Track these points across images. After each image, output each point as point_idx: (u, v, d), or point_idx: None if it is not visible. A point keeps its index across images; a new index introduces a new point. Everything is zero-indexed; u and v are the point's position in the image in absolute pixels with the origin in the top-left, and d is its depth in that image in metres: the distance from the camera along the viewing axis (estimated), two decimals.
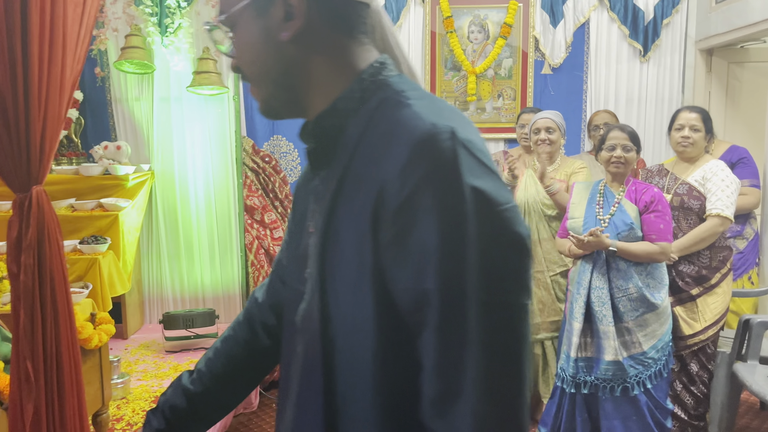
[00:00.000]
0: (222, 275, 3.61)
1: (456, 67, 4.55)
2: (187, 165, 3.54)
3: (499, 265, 0.66)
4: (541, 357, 3.30)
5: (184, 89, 3.44)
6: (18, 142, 1.41)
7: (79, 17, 1.58)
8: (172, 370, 2.89)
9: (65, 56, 1.49)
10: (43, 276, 1.40)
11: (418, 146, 0.65)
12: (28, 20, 1.37)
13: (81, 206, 3.17)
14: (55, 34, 1.45)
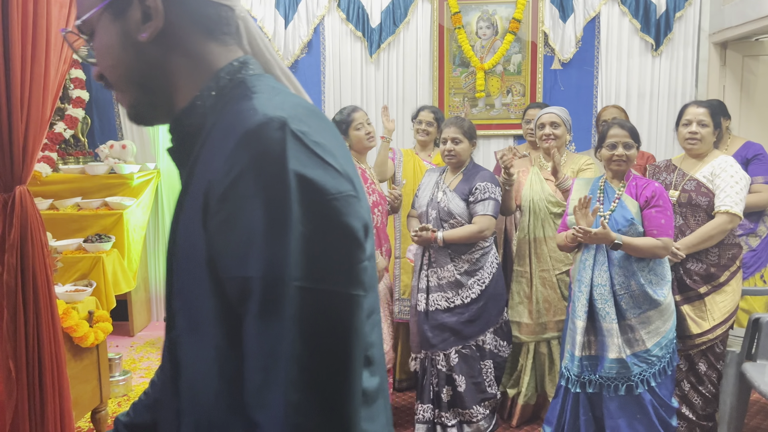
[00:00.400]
0: None
1: (464, 63, 4.52)
2: None
3: (325, 255, 0.65)
4: (547, 356, 3.26)
5: None
6: (2, 141, 1.41)
7: (65, 17, 1.59)
8: None
9: (48, 57, 1.49)
10: (26, 275, 1.41)
11: (245, 135, 0.65)
12: (9, 21, 1.38)
13: (86, 205, 3.20)
14: (37, 35, 1.45)
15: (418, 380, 3.20)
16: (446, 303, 3.06)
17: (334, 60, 4.56)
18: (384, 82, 4.57)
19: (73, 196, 3.25)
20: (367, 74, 4.57)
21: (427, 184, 3.22)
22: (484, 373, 3.14)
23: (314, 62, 4.60)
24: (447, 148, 3.08)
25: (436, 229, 3.05)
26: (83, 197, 3.26)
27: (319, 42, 4.57)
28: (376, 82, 4.57)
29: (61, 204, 3.22)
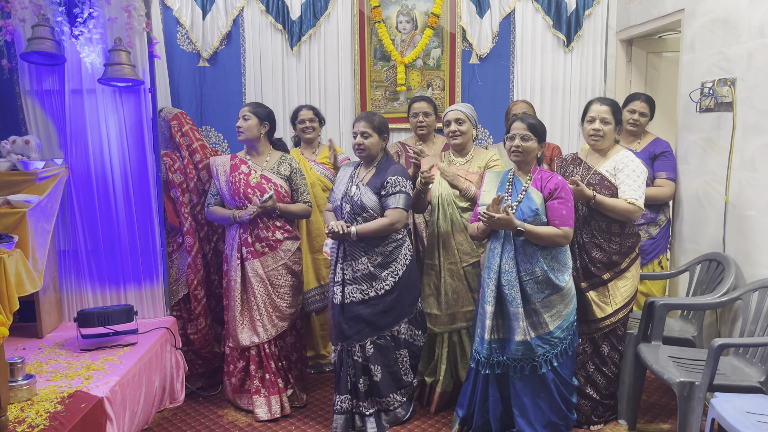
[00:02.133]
0: (143, 269, 3.55)
1: (385, 56, 4.56)
2: (105, 158, 3.46)
3: None
4: (458, 345, 3.37)
5: (96, 81, 3.35)
6: None
7: None
8: (84, 369, 2.84)
9: None
10: None
11: None
12: None
13: None
14: None
15: (336, 372, 3.25)
16: (361, 295, 3.12)
17: (255, 52, 4.52)
18: (306, 75, 4.56)
19: None
20: (289, 67, 4.55)
21: (341, 179, 3.26)
22: (400, 362, 3.23)
23: (234, 54, 4.54)
24: (357, 141, 3.13)
25: (349, 223, 3.10)
26: None
27: (238, 34, 4.52)
28: (297, 74, 4.56)
29: None
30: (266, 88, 4.55)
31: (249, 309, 3.42)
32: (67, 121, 3.40)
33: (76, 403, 2.48)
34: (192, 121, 3.89)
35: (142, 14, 3.37)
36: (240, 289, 3.43)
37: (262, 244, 3.38)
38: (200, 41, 4.46)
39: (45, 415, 2.38)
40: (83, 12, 3.27)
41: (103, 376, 2.76)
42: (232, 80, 4.56)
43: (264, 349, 3.42)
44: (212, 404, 3.61)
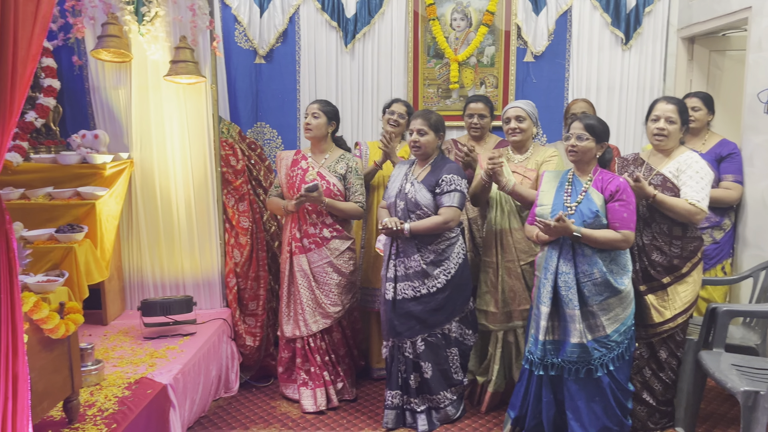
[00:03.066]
0: (201, 263, 3.65)
1: (438, 54, 4.56)
2: (167, 153, 3.57)
3: None
4: (514, 345, 3.36)
5: (161, 78, 3.46)
6: None
7: (33, 14, 1.60)
8: (148, 357, 2.95)
9: (16, 54, 1.51)
10: None
11: None
12: None
13: (58, 195, 3.21)
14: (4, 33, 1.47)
15: (387, 367, 3.28)
16: (413, 292, 3.14)
17: (309, 50, 4.57)
18: (359, 73, 4.59)
19: (45, 186, 3.24)
20: (342, 64, 4.59)
21: (396, 176, 3.28)
22: (450, 361, 3.23)
23: (289, 52, 4.60)
24: (413, 139, 3.15)
25: (403, 220, 3.12)
26: (55, 187, 3.26)
27: (294, 31, 4.57)
28: (351, 72, 4.59)
29: (33, 194, 3.22)
30: (320, 85, 4.60)
31: (293, 302, 3.48)
32: (132, 117, 3.52)
33: (142, 389, 2.58)
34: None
35: (206, 13, 3.46)
36: (288, 282, 3.49)
37: (309, 240, 3.43)
38: (257, 39, 4.53)
39: (113, 399, 2.48)
40: (150, 11, 3.37)
41: (166, 364, 2.86)
42: (287, 77, 4.62)
43: (309, 343, 3.47)
44: (265, 395, 3.68)
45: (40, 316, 2.01)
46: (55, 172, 3.29)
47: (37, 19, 1.62)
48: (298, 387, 3.49)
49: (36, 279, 2.48)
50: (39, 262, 2.89)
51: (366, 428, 3.27)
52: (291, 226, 3.47)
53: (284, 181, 3.49)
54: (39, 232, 3.01)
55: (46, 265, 2.91)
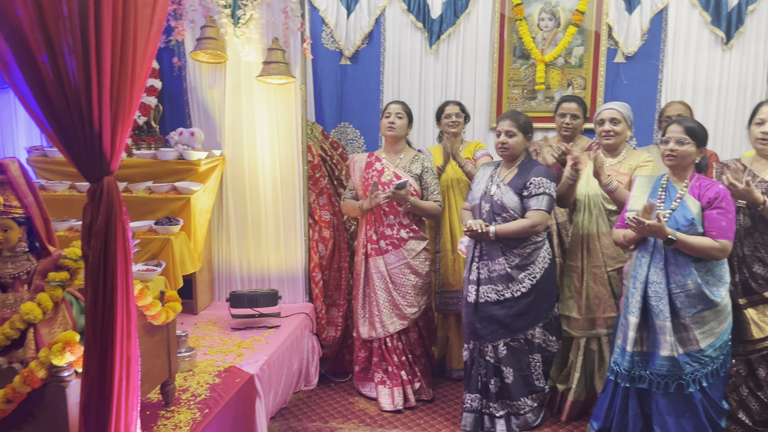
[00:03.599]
0: (286, 257, 3.76)
1: (525, 55, 4.48)
2: (256, 151, 3.69)
3: None
4: (597, 353, 3.26)
5: (254, 78, 3.58)
6: (91, 136, 1.54)
7: (149, 17, 1.70)
8: (236, 347, 3.06)
9: (135, 55, 1.61)
10: (109, 258, 1.55)
11: None
12: (101, 21, 1.50)
13: (157, 189, 3.38)
14: (126, 35, 1.57)
15: (466, 370, 3.27)
16: (496, 296, 3.10)
17: (394, 51, 4.60)
18: (443, 74, 4.58)
19: (145, 180, 3.43)
20: (426, 65, 4.59)
21: (481, 178, 3.26)
22: (533, 367, 3.17)
23: (374, 53, 4.65)
24: (500, 140, 3.12)
25: (488, 223, 3.09)
26: (154, 181, 3.44)
27: (379, 33, 4.62)
28: (435, 73, 4.59)
29: (134, 187, 3.41)
30: (403, 86, 4.62)
31: (369, 304, 3.52)
32: (226, 115, 3.67)
33: (231, 378, 2.68)
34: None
35: (298, 15, 3.56)
36: (363, 284, 3.54)
37: (386, 242, 3.46)
38: (343, 40, 4.61)
39: (205, 385, 2.59)
40: (246, 14, 3.50)
41: (253, 355, 2.96)
42: (371, 78, 4.67)
43: (386, 343, 3.50)
44: (343, 390, 3.75)
45: (144, 303, 2.13)
46: (155, 167, 3.47)
47: (153, 22, 1.72)
48: (375, 385, 3.53)
49: (137, 268, 2.63)
50: (139, 252, 3.06)
51: (443, 429, 3.26)
52: (366, 228, 3.52)
53: (359, 183, 3.54)
54: (139, 224, 3.18)
55: (145, 255, 3.08)
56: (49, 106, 1.54)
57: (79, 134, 1.55)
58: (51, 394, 1.76)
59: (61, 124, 1.55)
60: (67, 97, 1.53)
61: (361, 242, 3.55)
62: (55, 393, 1.75)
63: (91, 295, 1.54)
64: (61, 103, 1.53)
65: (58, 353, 1.73)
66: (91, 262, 1.54)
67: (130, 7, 1.59)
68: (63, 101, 1.53)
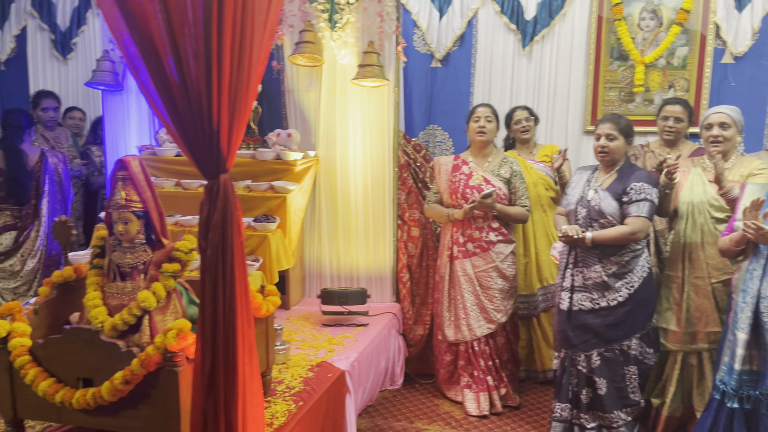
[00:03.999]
0: (375, 257, 3.81)
1: (623, 56, 4.33)
2: (348, 152, 3.77)
3: None
4: (697, 368, 3.10)
5: (348, 81, 3.65)
6: (210, 135, 1.64)
7: (263, 23, 1.78)
8: (326, 342, 3.13)
9: (251, 59, 1.69)
10: (226, 252, 1.63)
11: None
12: (223, 27, 1.58)
13: (255, 187, 3.52)
14: (243, 39, 1.65)
15: (556, 378, 3.19)
16: (590, 304, 3.02)
17: (486, 53, 4.57)
18: (535, 76, 4.50)
19: (244, 179, 3.58)
20: (519, 67, 4.53)
21: (577, 182, 3.18)
22: (627, 379, 3.06)
23: (465, 55, 4.63)
24: (600, 144, 3.03)
25: (584, 228, 3.01)
26: (253, 180, 3.58)
27: (471, 35, 4.60)
28: (527, 75, 4.52)
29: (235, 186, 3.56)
30: (494, 88, 4.58)
31: (455, 307, 3.51)
32: (321, 117, 3.77)
33: (323, 373, 2.75)
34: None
35: (393, 18, 3.60)
36: (447, 287, 3.53)
37: (474, 245, 3.44)
38: (434, 43, 4.62)
39: (299, 379, 2.67)
40: (343, 18, 3.58)
41: (343, 351, 3.02)
42: (462, 81, 4.66)
43: (472, 347, 3.48)
44: (428, 392, 3.76)
45: (250, 295, 2.21)
46: (254, 166, 3.61)
47: (266, 27, 1.79)
48: (461, 389, 3.52)
49: None
50: None
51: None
52: (453, 230, 3.51)
53: (445, 186, 3.54)
54: (243, 225, 3.32)
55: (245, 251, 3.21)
56: (173, 106, 1.65)
57: (198, 133, 1.64)
58: (165, 377, 1.87)
59: (184, 123, 1.65)
60: (189, 98, 1.63)
61: (446, 244, 3.55)
62: (169, 376, 1.86)
63: (209, 285, 1.63)
64: (184, 104, 1.63)
65: (172, 339, 1.84)
66: (209, 255, 1.62)
67: (248, 13, 1.67)
68: (185, 102, 1.63)
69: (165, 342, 1.85)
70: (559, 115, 4.49)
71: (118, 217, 2.11)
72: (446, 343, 3.57)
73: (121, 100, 4.04)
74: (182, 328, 1.86)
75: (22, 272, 3.83)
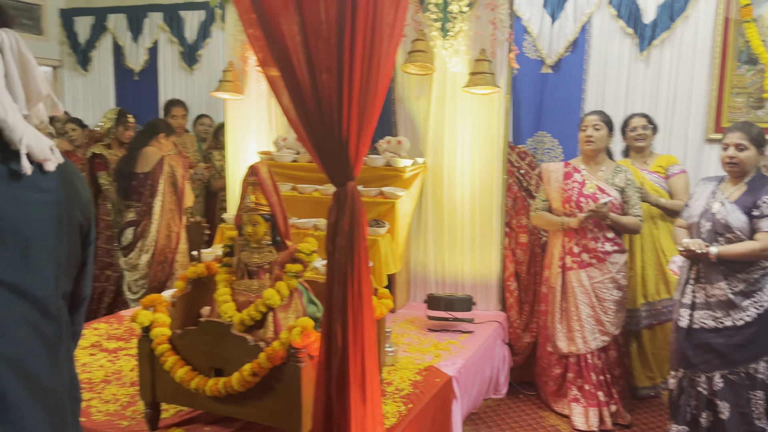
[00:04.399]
0: (481, 264, 3.81)
1: (752, 60, 4.07)
2: (456, 159, 3.79)
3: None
4: None
5: (458, 89, 3.68)
6: (340, 144, 1.72)
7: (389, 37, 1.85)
8: (432, 347, 3.17)
9: (379, 72, 1.77)
10: (353, 256, 1.71)
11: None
12: (355, 42, 1.67)
13: (366, 193, 3.63)
14: (373, 53, 1.73)
15: (672, 399, 3.05)
16: (713, 323, 2.86)
17: (599, 58, 4.45)
18: (653, 81, 4.33)
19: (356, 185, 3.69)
20: (635, 73, 4.37)
21: (700, 194, 3.03)
22: (753, 404, 2.87)
23: (577, 61, 4.53)
24: (728, 154, 2.86)
25: (708, 243, 2.86)
26: (363, 186, 3.69)
27: (584, 40, 4.49)
28: (644, 80, 4.35)
29: None
30: (608, 94, 4.45)
31: (567, 318, 3.44)
32: (429, 125, 3.82)
33: (431, 377, 2.79)
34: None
35: (506, 26, 3.59)
36: (560, 298, 3.46)
37: (589, 255, 3.37)
38: (545, 49, 4.56)
39: (407, 381, 2.72)
40: (455, 26, 3.62)
41: (450, 357, 3.05)
42: (573, 87, 4.56)
43: (585, 360, 3.40)
44: (532, 403, 3.70)
45: None
46: (365, 172, 3.71)
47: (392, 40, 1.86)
48: (568, 402, 3.44)
49: None
50: None
51: None
52: (565, 240, 3.44)
53: (556, 194, 3.48)
54: (367, 230, 3.45)
55: None
56: (306, 117, 1.75)
57: (329, 142, 1.74)
58: (289, 371, 1.98)
59: (315, 133, 1.75)
60: (321, 109, 1.72)
61: (557, 254, 3.49)
62: (292, 371, 1.97)
63: (336, 287, 1.72)
64: (317, 115, 1.73)
65: (297, 336, 1.94)
66: (336, 258, 1.71)
67: (377, 27, 1.75)
68: (318, 113, 1.73)
69: (290, 338, 1.96)
70: (678, 123, 4.29)
71: (248, 219, 2.26)
72: (556, 355, 3.51)
73: (242, 109, 4.30)
74: (306, 326, 1.97)
75: (139, 265, 4.13)
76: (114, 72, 6.23)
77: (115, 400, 2.48)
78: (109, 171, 4.49)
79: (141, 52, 6.05)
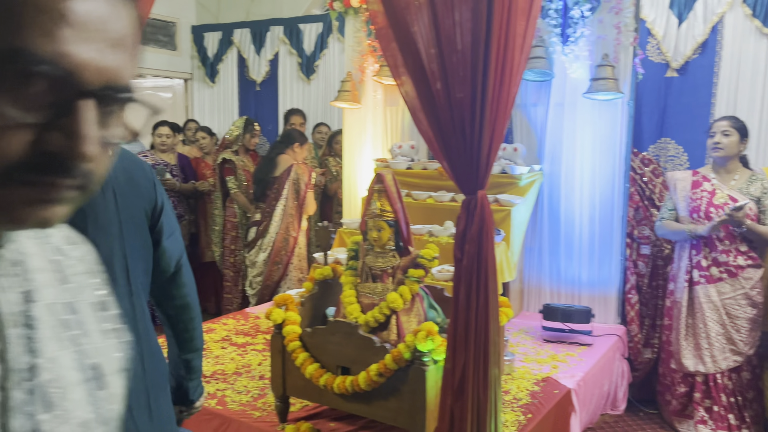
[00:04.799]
0: (599, 275, 3.69)
1: None
2: (575, 167, 3.71)
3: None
4: None
5: (578, 95, 3.60)
6: (471, 153, 1.76)
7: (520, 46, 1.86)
8: (549, 359, 3.12)
9: (510, 81, 1.79)
10: (480, 263, 1.74)
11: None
12: (489, 53, 1.70)
13: None
14: (506, 63, 1.75)
15: None
16: None
17: (732, 60, 4.17)
18: None
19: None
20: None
21: None
22: None
23: (707, 63, 4.28)
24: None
25: None
26: None
27: (714, 41, 4.23)
28: None
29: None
30: (741, 98, 4.16)
31: (695, 335, 3.26)
32: (547, 132, 3.77)
33: (549, 388, 2.75)
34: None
35: (631, 30, 3.48)
36: (685, 314, 3.29)
37: (719, 269, 3.17)
38: (671, 51, 4.34)
39: (525, 391, 2.70)
40: (576, 32, 3.54)
41: (567, 369, 2.99)
42: (701, 91, 4.31)
43: (714, 380, 3.21)
44: (652, 421, 3.54)
45: None
46: None
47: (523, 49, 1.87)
48: (695, 423, 3.26)
49: None
50: None
51: None
52: (692, 253, 3.27)
53: (683, 204, 3.32)
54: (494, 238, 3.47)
55: None
56: (439, 126, 1.80)
57: (461, 152, 1.78)
58: (414, 374, 2.03)
59: (447, 143, 1.80)
60: (453, 120, 1.77)
61: (684, 268, 3.32)
62: (417, 374, 2.02)
63: (463, 293, 1.75)
64: (449, 125, 1.78)
65: (422, 340, 1.99)
66: (464, 264, 1.75)
67: (510, 37, 1.77)
68: (450, 123, 1.78)
69: (415, 342, 2.01)
70: None
71: (373, 224, 2.34)
72: (682, 374, 3.34)
73: (359, 117, 4.44)
74: (431, 330, 2.01)
75: (257, 263, 4.40)
76: (238, 83, 6.63)
77: (247, 392, 2.65)
78: (237, 175, 4.81)
79: (263, 64, 6.40)
